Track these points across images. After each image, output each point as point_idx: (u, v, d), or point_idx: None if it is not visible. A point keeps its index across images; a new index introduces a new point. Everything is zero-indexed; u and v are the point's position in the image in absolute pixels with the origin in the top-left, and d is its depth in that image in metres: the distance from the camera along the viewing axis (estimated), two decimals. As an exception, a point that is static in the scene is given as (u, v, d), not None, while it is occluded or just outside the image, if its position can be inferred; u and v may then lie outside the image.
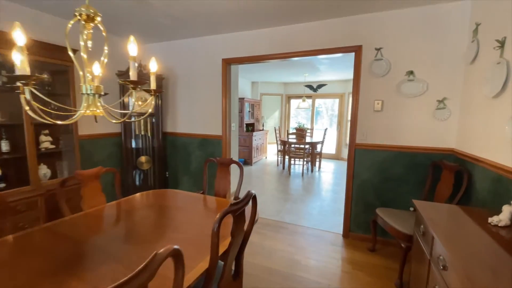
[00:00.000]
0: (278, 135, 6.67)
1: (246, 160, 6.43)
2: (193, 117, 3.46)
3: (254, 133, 6.45)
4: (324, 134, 5.96)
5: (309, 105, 6.19)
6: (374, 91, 2.48)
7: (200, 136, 3.42)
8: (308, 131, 6.84)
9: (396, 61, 2.37)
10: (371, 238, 2.51)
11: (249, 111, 6.70)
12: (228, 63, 3.13)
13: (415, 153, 2.38)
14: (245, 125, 6.43)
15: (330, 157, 7.62)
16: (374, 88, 2.47)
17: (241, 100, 6.27)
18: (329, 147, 7.51)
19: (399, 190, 2.47)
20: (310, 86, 7.66)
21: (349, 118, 7.25)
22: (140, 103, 3.23)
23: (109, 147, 3.32)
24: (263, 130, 7.29)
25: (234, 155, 3.99)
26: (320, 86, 7.54)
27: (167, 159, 3.72)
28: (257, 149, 6.68)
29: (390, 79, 2.40)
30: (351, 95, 7.51)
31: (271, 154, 7.80)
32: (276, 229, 2.90)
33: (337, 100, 7.77)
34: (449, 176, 2.08)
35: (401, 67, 2.36)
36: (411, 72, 2.32)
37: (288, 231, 2.85)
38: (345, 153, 7.32)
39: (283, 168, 6.06)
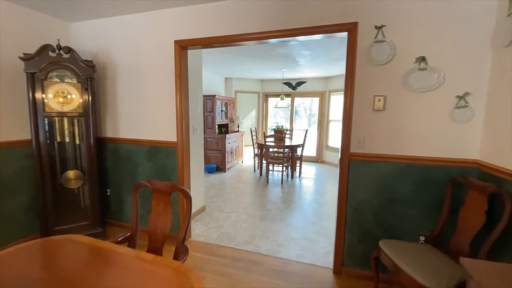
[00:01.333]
0: (254, 137, 5.99)
1: (219, 166, 5.68)
2: (140, 118, 2.65)
3: (228, 135, 5.71)
4: (305, 136, 5.38)
5: (288, 104, 5.59)
6: (374, 84, 1.87)
7: (149, 143, 2.63)
8: (287, 132, 6.25)
9: (403, 43, 1.78)
10: (370, 276, 1.92)
11: (222, 111, 5.95)
12: (183, 46, 2.37)
13: (428, 166, 1.81)
14: (217, 126, 5.67)
15: (311, 159, 7.10)
16: (374, 80, 1.86)
17: (212, 98, 5.50)
18: (309, 149, 6.99)
19: (406, 215, 1.89)
20: (288, 84, 7.08)
21: (330, 118, 6.78)
22: (61, 99, 2.37)
23: (20, 159, 2.42)
24: (238, 131, 6.57)
25: (198, 165, 3.23)
26: (300, 83, 6.98)
27: (109, 173, 2.87)
28: (231, 153, 5.95)
29: (395, 68, 1.81)
30: (332, 94, 7.04)
31: (247, 158, 7.11)
32: (249, 265, 2.20)
33: (315, 99, 7.26)
34: (480, 200, 1.52)
35: (410, 52, 1.77)
36: (423, 59, 1.74)
37: (264, 269, 2.16)
38: (326, 155, 6.83)
39: (260, 174, 5.39)
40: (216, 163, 5.69)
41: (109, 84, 2.73)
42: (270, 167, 5.62)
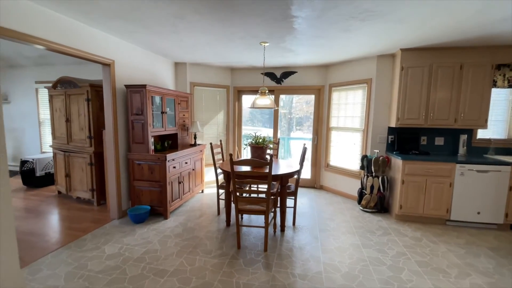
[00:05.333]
0: (219, 155, 3.72)
1: (157, 208, 3.31)
2: None
3: (172, 155, 3.38)
4: (303, 155, 3.21)
5: (272, 103, 3.39)
6: None
7: None
8: (272, 146, 4.05)
9: None
10: None
11: (164, 113, 3.60)
12: None
13: None
14: (151, 140, 3.31)
15: (305, 184, 4.97)
16: None
17: (141, 90, 3.15)
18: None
19: None
20: (271, 75, 4.93)
21: (331, 124, 4.70)
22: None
23: None
24: (195, 145, 4.24)
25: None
26: (287, 74, 4.86)
27: None
28: (180, 183, 3.61)
29: None
30: (334, 90, 3.89)
31: (213, 183, 4.80)
32: None
33: (296, 98, 5.19)
34: None
35: None
36: None
37: None
38: (327, 178, 4.74)
39: (228, 224, 3.12)
40: (151, 203, 3.32)
41: None
42: (246, 218, 3.38)
